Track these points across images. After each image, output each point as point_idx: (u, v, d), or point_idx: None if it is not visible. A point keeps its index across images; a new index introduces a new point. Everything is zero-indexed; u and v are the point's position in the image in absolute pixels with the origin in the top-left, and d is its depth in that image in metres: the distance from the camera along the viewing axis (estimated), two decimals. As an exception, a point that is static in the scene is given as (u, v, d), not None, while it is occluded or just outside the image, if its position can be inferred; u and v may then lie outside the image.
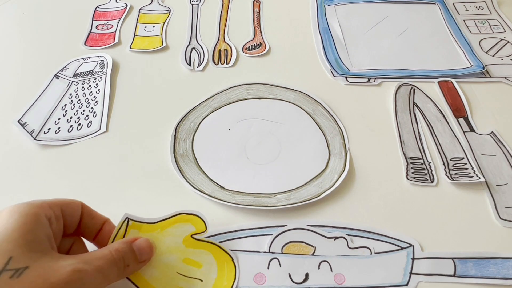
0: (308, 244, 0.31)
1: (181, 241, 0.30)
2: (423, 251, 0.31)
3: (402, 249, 0.31)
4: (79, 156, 0.38)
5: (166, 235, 0.30)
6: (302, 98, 0.42)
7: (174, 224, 0.30)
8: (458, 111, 0.41)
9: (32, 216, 0.24)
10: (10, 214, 0.24)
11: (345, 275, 0.29)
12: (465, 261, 0.30)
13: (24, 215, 0.24)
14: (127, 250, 0.27)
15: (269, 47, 0.49)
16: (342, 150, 0.38)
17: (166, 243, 0.30)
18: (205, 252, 0.30)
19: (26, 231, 0.23)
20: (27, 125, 0.40)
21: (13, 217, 0.24)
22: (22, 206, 0.25)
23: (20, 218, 0.24)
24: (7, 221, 0.23)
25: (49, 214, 0.25)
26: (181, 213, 0.30)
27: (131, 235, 0.29)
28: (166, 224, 0.30)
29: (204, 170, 0.36)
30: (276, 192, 0.34)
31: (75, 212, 0.28)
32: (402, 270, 0.30)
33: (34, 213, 0.24)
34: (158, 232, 0.30)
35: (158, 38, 0.51)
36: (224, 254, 0.30)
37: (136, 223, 0.29)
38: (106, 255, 0.25)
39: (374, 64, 0.46)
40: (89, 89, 0.44)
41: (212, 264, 0.29)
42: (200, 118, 0.40)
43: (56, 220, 0.26)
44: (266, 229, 0.32)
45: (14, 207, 0.24)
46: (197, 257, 0.30)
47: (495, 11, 0.53)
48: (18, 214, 0.24)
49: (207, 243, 0.30)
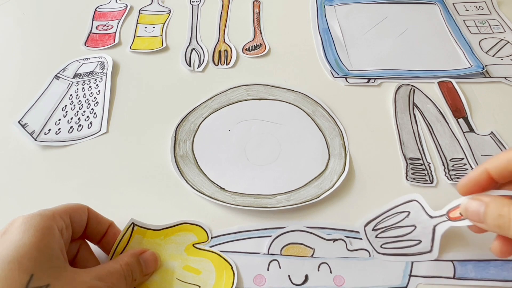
0: (307, 246, 0.31)
1: (183, 249, 0.31)
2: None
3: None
4: (80, 157, 0.38)
5: (169, 243, 0.31)
6: (302, 99, 0.42)
7: (178, 233, 0.31)
8: (457, 112, 0.41)
9: (47, 230, 0.24)
10: (25, 228, 0.23)
11: (344, 277, 0.30)
12: (464, 263, 0.30)
13: (40, 229, 0.24)
14: (135, 264, 0.27)
15: (269, 47, 0.49)
16: (341, 151, 0.38)
17: (169, 250, 0.30)
18: (205, 260, 0.30)
19: (43, 246, 0.23)
20: (27, 126, 0.40)
21: (29, 231, 0.23)
22: (35, 219, 0.24)
23: (36, 233, 0.23)
24: (23, 236, 0.23)
25: (60, 225, 0.25)
26: (185, 223, 0.31)
27: (136, 241, 0.30)
28: (169, 232, 0.31)
29: (204, 171, 0.36)
30: (276, 193, 0.35)
31: (82, 217, 0.28)
32: (402, 272, 0.30)
33: (49, 227, 0.24)
34: (162, 239, 0.31)
35: (158, 39, 0.51)
36: (224, 262, 0.30)
37: (141, 229, 0.30)
38: (118, 271, 0.26)
39: (374, 64, 0.46)
40: (90, 90, 0.44)
41: (211, 271, 0.30)
42: (200, 119, 0.41)
43: (66, 229, 0.26)
44: (266, 230, 0.32)
45: (27, 220, 0.24)
46: (197, 265, 0.30)
47: (495, 11, 0.53)
48: (33, 229, 0.23)
49: (207, 252, 0.31)
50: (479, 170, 0.27)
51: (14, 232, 0.23)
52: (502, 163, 0.26)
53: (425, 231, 0.30)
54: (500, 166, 0.26)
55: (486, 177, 0.27)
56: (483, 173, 0.27)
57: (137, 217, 0.31)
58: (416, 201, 0.32)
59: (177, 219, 0.33)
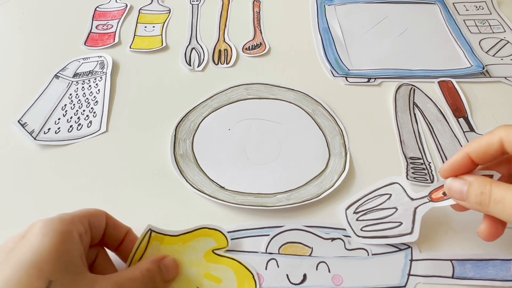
0: (305, 245, 0.31)
1: (202, 256, 0.30)
2: (421, 252, 0.31)
3: (400, 250, 0.31)
4: (79, 156, 0.38)
5: (188, 249, 0.30)
6: (302, 98, 0.42)
7: (196, 238, 0.30)
8: (458, 111, 0.41)
9: (67, 235, 0.23)
10: (45, 232, 0.23)
11: (343, 276, 0.29)
12: (463, 262, 0.30)
13: (59, 233, 0.23)
14: (156, 271, 0.27)
15: (269, 47, 0.49)
16: (342, 150, 0.38)
17: (187, 256, 0.29)
18: (226, 268, 0.29)
19: (62, 252, 0.23)
20: (27, 125, 0.40)
21: (48, 235, 0.23)
22: (54, 223, 0.24)
23: (56, 237, 0.23)
24: (43, 240, 0.23)
25: (80, 230, 0.25)
26: (203, 228, 0.30)
27: (153, 247, 0.29)
28: (188, 238, 0.30)
29: (204, 170, 0.36)
30: (276, 192, 0.35)
31: (101, 223, 0.27)
32: (400, 272, 0.30)
33: (68, 231, 0.24)
34: (180, 245, 0.30)
35: (158, 38, 0.51)
36: (245, 270, 0.30)
37: (158, 235, 0.29)
38: (138, 278, 0.25)
39: (374, 64, 0.46)
40: (89, 89, 0.44)
41: (233, 280, 0.29)
42: (200, 118, 0.41)
43: (85, 234, 0.26)
44: (265, 229, 0.32)
45: (46, 224, 0.24)
46: (217, 273, 0.29)
47: (495, 11, 0.53)
48: (53, 233, 0.23)
49: (228, 259, 0.30)
50: (461, 154, 0.28)
51: (33, 236, 0.23)
52: (482, 147, 0.27)
53: (406, 213, 0.31)
54: (480, 150, 0.27)
55: (467, 161, 0.28)
56: (465, 157, 0.28)
57: (137, 217, 0.31)
58: (398, 184, 0.31)
59: (177, 218, 0.33)
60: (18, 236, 0.24)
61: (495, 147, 0.27)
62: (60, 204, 0.34)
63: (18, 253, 0.22)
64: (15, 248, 0.22)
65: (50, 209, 0.34)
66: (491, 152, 0.27)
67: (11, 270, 0.21)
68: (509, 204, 0.24)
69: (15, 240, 0.23)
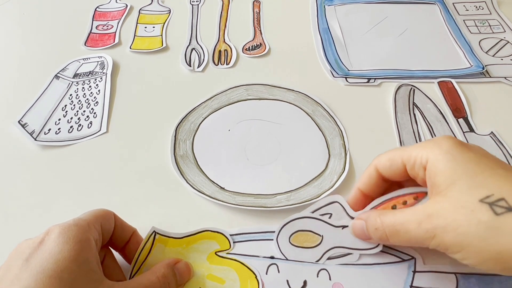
0: (315, 233, 0.30)
1: (206, 258, 0.30)
2: (425, 264, 0.30)
3: (404, 261, 0.30)
4: (80, 157, 0.38)
5: (191, 251, 0.30)
6: (302, 98, 0.42)
7: (200, 241, 0.31)
8: (458, 112, 0.41)
9: (86, 243, 0.24)
10: (64, 240, 0.23)
11: (343, 285, 0.29)
12: (468, 276, 0.29)
13: (78, 241, 0.23)
14: (171, 275, 0.27)
15: (269, 47, 0.49)
16: (341, 150, 0.38)
17: (191, 258, 0.30)
18: (228, 269, 0.30)
19: (82, 260, 0.23)
20: (27, 126, 0.40)
21: (68, 244, 0.23)
22: (72, 231, 0.24)
23: (75, 245, 0.23)
24: (63, 248, 0.23)
25: (95, 236, 0.25)
26: (206, 230, 0.31)
27: (157, 249, 0.29)
28: (191, 240, 0.30)
29: (204, 171, 0.36)
30: (276, 193, 0.35)
31: (111, 225, 0.28)
32: (403, 283, 0.29)
33: (87, 239, 0.24)
34: (184, 248, 0.30)
35: (158, 39, 0.51)
36: (248, 271, 0.30)
37: (162, 237, 0.30)
38: (155, 283, 0.25)
39: (374, 64, 0.46)
40: (89, 89, 0.44)
41: (235, 280, 0.29)
42: (200, 119, 0.41)
43: (99, 239, 0.26)
44: (267, 234, 0.32)
45: (64, 230, 0.24)
46: (220, 274, 0.29)
47: (495, 11, 0.53)
48: (72, 241, 0.23)
49: (231, 260, 0.30)
50: (353, 191, 0.29)
51: (53, 244, 0.23)
52: (385, 164, 0.27)
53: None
54: (366, 182, 0.28)
55: (361, 195, 0.29)
56: (357, 193, 0.29)
57: (137, 217, 0.31)
58: (338, 203, 0.31)
59: (177, 219, 0.33)
60: (34, 241, 0.23)
61: (375, 176, 0.28)
62: (60, 204, 0.34)
63: (38, 261, 0.22)
64: (34, 255, 0.22)
65: (51, 209, 0.34)
66: (374, 182, 0.28)
67: (31, 278, 0.21)
68: (404, 234, 0.25)
69: (32, 246, 0.23)
